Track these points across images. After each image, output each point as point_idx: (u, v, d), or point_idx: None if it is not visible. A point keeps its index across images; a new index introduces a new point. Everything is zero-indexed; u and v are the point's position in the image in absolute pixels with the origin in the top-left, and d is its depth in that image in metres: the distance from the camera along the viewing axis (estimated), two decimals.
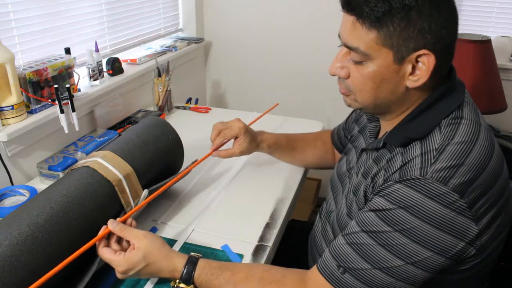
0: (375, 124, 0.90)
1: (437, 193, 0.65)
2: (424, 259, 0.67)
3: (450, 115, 0.73)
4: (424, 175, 0.66)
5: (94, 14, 1.58)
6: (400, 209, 0.67)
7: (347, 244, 0.72)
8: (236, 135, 1.12)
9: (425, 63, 0.71)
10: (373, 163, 0.81)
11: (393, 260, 0.67)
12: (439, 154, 0.68)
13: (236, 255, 0.89)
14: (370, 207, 0.71)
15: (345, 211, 0.84)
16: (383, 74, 0.73)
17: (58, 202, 0.78)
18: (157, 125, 1.07)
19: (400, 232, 0.67)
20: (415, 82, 0.73)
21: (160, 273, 0.79)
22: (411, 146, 0.73)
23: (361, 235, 0.70)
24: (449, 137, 0.70)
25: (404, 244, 0.67)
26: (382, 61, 0.72)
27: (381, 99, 0.76)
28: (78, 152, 1.25)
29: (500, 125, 2.08)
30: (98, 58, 1.46)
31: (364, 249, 0.69)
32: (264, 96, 2.39)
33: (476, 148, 0.68)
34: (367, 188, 0.78)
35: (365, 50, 0.72)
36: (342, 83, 0.80)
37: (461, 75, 2.06)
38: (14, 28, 1.25)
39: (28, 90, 1.18)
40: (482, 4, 2.03)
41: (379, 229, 0.68)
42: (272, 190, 1.14)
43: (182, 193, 1.12)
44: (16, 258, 0.68)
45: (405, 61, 0.71)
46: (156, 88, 1.62)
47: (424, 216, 0.65)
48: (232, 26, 2.30)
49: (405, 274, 0.67)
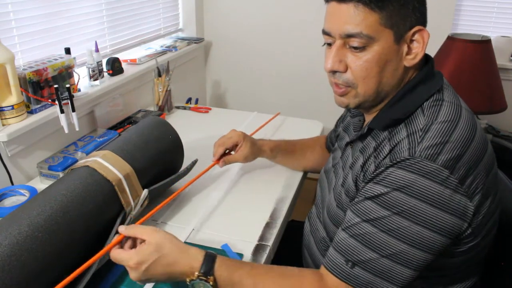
0: (359, 118, 0.91)
1: (427, 170, 0.66)
2: (426, 240, 0.67)
3: (431, 98, 0.75)
4: (412, 154, 0.68)
5: (94, 14, 1.58)
6: (395, 191, 0.67)
7: (350, 237, 0.72)
8: (236, 143, 1.13)
9: (419, 39, 0.74)
10: (359, 154, 0.82)
11: (398, 245, 0.68)
12: (425, 133, 0.70)
13: (236, 254, 0.89)
14: (366, 195, 0.71)
15: (335, 204, 0.85)
16: (386, 56, 0.74)
17: (58, 202, 0.78)
18: (157, 125, 1.07)
19: (399, 215, 0.67)
20: (413, 59, 0.76)
21: (176, 265, 0.72)
22: (397, 131, 0.74)
23: (362, 225, 0.70)
24: (432, 117, 0.72)
25: (406, 227, 0.67)
26: (384, 42, 0.73)
27: (383, 83, 0.77)
28: (78, 152, 1.25)
29: (500, 125, 2.08)
30: (98, 58, 1.46)
31: (368, 238, 0.70)
32: (264, 96, 2.39)
33: (460, 126, 0.71)
34: (358, 176, 0.79)
35: (369, 33, 0.72)
36: (340, 80, 0.78)
37: (461, 75, 2.05)
38: (14, 28, 1.25)
39: (28, 90, 1.18)
40: (482, 4, 2.03)
41: (378, 215, 0.69)
42: (272, 190, 1.14)
43: (182, 193, 1.12)
44: (16, 258, 0.68)
45: (402, 41, 0.74)
46: (156, 88, 1.62)
47: (419, 195, 0.66)
48: (232, 26, 2.30)
49: (411, 259, 0.68)
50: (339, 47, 0.76)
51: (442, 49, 1.85)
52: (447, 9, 2.00)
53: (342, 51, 0.76)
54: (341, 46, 0.76)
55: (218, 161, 1.12)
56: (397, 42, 0.74)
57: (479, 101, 1.78)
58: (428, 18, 0.78)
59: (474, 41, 1.77)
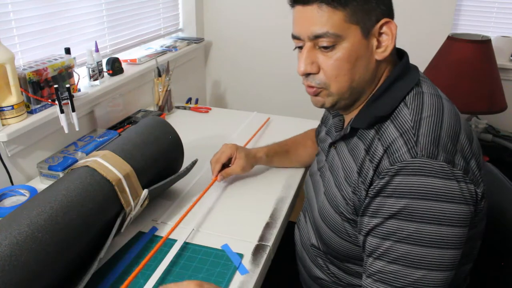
0: (339, 118, 0.91)
1: (433, 169, 0.66)
2: (457, 237, 0.66)
3: (412, 92, 0.76)
4: (414, 156, 0.67)
5: (94, 14, 1.58)
6: (414, 200, 0.66)
7: (390, 263, 0.68)
8: (230, 156, 1.14)
9: (387, 31, 0.75)
10: (349, 157, 0.80)
11: (438, 253, 0.66)
12: (417, 131, 0.70)
13: (236, 254, 0.89)
14: (385, 215, 0.69)
15: (331, 209, 0.83)
16: (356, 52, 0.75)
17: (58, 202, 0.78)
18: (157, 125, 1.07)
19: (427, 223, 0.66)
20: (384, 52, 0.76)
21: None
22: (385, 128, 0.74)
23: (397, 247, 0.68)
24: (417, 112, 0.72)
25: (437, 232, 0.66)
26: (353, 39, 0.74)
27: (357, 80, 0.77)
28: (78, 152, 1.25)
29: (500, 125, 2.08)
30: (98, 58, 1.46)
31: (409, 258, 0.67)
32: (264, 96, 2.39)
33: (446, 117, 0.72)
34: (357, 185, 0.76)
35: (336, 31, 0.73)
36: (312, 81, 0.79)
37: (461, 75, 2.06)
38: (14, 28, 1.25)
39: (28, 90, 1.18)
40: (482, 4, 2.03)
41: (409, 230, 0.67)
42: (272, 190, 1.14)
43: (182, 193, 1.12)
44: (16, 258, 0.68)
45: (370, 35, 0.75)
46: (156, 88, 1.62)
47: (435, 195, 0.65)
48: (232, 26, 2.30)
49: (450, 261, 0.67)
50: (309, 49, 0.77)
51: (442, 49, 1.85)
52: (447, 9, 2.00)
53: (313, 53, 0.77)
54: (311, 48, 0.77)
55: (217, 177, 1.12)
56: (365, 36, 0.75)
57: (479, 101, 1.78)
58: (428, 18, 0.78)
59: (474, 41, 1.77)
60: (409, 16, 2.01)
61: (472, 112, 1.90)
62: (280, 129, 1.53)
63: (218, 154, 1.15)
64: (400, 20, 0.79)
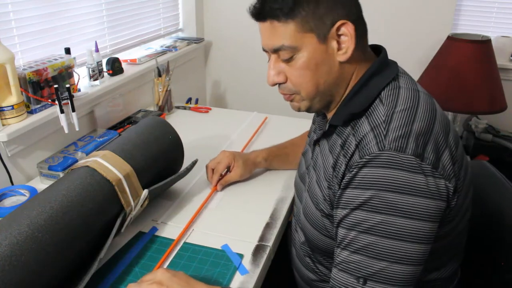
0: (322, 117, 0.92)
1: (400, 162, 0.66)
2: (424, 232, 0.67)
3: (388, 87, 0.76)
4: (382, 148, 0.67)
5: (94, 14, 1.58)
6: (379, 192, 0.67)
7: (353, 253, 0.69)
8: (228, 165, 1.14)
9: (346, 33, 0.75)
10: (329, 153, 0.82)
11: (402, 245, 0.67)
12: (388, 125, 0.70)
13: (236, 254, 0.89)
14: (351, 205, 0.70)
15: (313, 205, 0.84)
16: (315, 58, 0.76)
17: (58, 202, 0.78)
18: (157, 125, 1.07)
19: (392, 215, 0.66)
20: (345, 54, 0.76)
21: None
22: (359, 124, 0.74)
23: (361, 238, 0.69)
24: (391, 107, 0.73)
25: (402, 224, 0.66)
26: (309, 47, 0.75)
27: (322, 84, 0.78)
28: (78, 152, 1.25)
29: (500, 125, 2.08)
30: (98, 58, 1.46)
31: (371, 249, 0.68)
32: (264, 96, 2.39)
33: (420, 111, 0.72)
34: (331, 180, 0.77)
35: (291, 43, 0.75)
36: (284, 90, 0.82)
37: (461, 75, 2.05)
38: (14, 28, 1.25)
39: (28, 90, 1.18)
40: (482, 4, 2.03)
41: (373, 222, 0.68)
42: (272, 190, 1.14)
43: (182, 193, 1.12)
44: (16, 258, 0.68)
45: (328, 39, 0.75)
46: (156, 88, 1.62)
47: (401, 188, 0.66)
48: (232, 26, 2.30)
49: (416, 255, 0.67)
50: (275, 60, 0.80)
51: (442, 49, 1.85)
52: (447, 9, 2.00)
53: (278, 64, 0.80)
54: (276, 59, 0.80)
55: (216, 187, 1.12)
56: (323, 41, 0.75)
57: (479, 101, 1.78)
58: (428, 18, 0.78)
59: (474, 41, 1.77)
60: (409, 16, 2.01)
61: (472, 112, 1.90)
62: (280, 129, 1.53)
63: (214, 162, 1.15)
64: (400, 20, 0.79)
